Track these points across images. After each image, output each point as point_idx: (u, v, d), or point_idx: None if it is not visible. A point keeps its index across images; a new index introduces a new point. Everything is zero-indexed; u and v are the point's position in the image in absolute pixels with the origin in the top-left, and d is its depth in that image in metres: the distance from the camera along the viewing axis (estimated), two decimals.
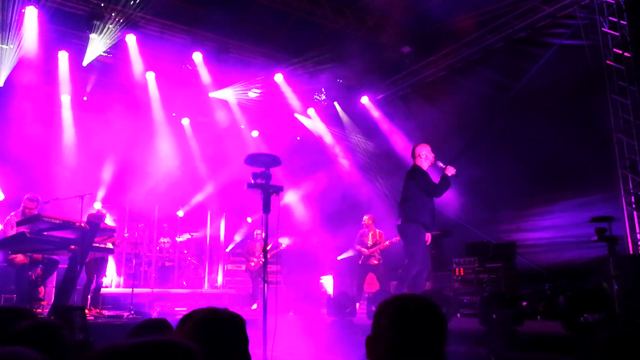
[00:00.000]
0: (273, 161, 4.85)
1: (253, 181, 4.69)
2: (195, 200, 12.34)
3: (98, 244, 6.42)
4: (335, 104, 12.32)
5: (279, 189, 4.77)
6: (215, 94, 11.48)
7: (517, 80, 8.85)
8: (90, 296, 7.46)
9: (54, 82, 10.12)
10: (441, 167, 5.81)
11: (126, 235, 9.18)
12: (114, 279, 10.24)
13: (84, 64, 9.78)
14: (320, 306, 8.51)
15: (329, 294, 10.67)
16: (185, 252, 11.72)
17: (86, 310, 6.74)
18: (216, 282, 12.16)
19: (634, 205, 6.97)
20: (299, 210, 12.29)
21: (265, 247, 4.79)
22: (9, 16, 8.53)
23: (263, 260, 4.81)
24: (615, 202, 7.09)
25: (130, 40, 9.72)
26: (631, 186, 7.07)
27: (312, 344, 5.34)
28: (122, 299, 8.99)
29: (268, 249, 4.90)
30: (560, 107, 7.96)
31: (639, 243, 6.76)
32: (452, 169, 5.75)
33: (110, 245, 7.02)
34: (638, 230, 6.82)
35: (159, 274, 10.89)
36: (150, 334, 2.01)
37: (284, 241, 10.48)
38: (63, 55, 9.90)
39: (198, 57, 10.46)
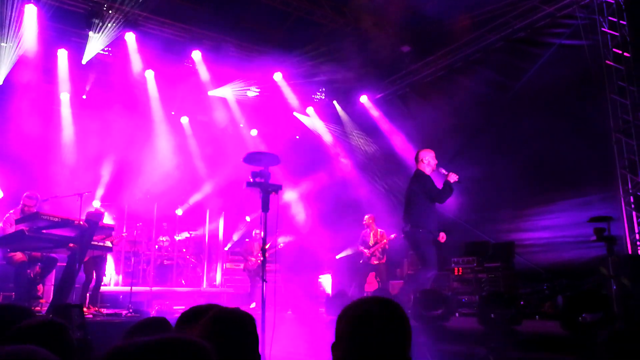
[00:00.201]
0: (272, 160, 4.85)
1: (252, 180, 4.69)
2: (194, 198, 12.33)
3: (97, 242, 6.42)
4: (334, 102, 12.32)
5: (278, 187, 4.77)
6: (214, 93, 11.47)
7: (517, 80, 8.85)
8: (89, 294, 7.46)
9: (53, 80, 10.11)
10: (444, 174, 5.81)
11: (124, 234, 9.17)
12: (112, 277, 10.24)
13: (83, 62, 9.76)
14: (318, 305, 8.52)
15: (328, 292, 10.68)
16: (184, 251, 11.72)
17: (85, 309, 6.74)
18: (215, 281, 12.15)
19: (633, 205, 6.97)
20: (298, 209, 12.28)
21: (264, 246, 4.78)
22: (9, 14, 8.52)
23: (262, 259, 4.80)
24: (614, 202, 7.09)
25: (130, 38, 9.70)
26: (630, 186, 7.07)
27: (311, 343, 5.34)
28: (121, 297, 8.99)
29: (267, 247, 4.90)
30: (559, 107, 7.96)
31: (638, 243, 6.76)
32: (455, 176, 5.73)
33: (109, 243, 7.02)
34: (637, 230, 6.82)
35: (157, 273, 10.88)
36: (149, 333, 2.01)
37: (284, 240, 10.48)
38: (62, 54, 9.89)
39: (197, 56, 10.44)
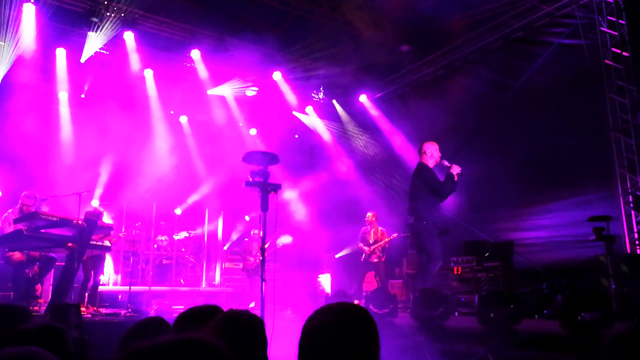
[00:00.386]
0: (271, 159, 4.84)
1: (251, 179, 4.69)
2: (193, 198, 12.32)
3: (95, 242, 6.41)
4: (333, 102, 12.32)
5: (277, 187, 4.77)
6: (213, 92, 11.46)
7: (516, 79, 8.85)
8: (87, 294, 7.45)
9: (51, 80, 10.08)
10: (446, 166, 5.82)
11: (122, 234, 9.15)
12: (111, 277, 10.22)
13: (82, 60, 9.75)
14: (318, 304, 8.48)
15: (327, 292, 10.68)
16: (183, 250, 11.70)
17: (83, 308, 6.74)
18: (214, 280, 12.13)
19: (632, 205, 6.98)
20: (297, 208, 12.28)
21: (263, 245, 4.78)
22: (7, 13, 8.50)
23: (260, 259, 4.80)
24: (613, 202, 7.10)
25: (128, 37, 9.69)
26: (629, 185, 7.08)
27: None
28: (120, 296, 8.98)
29: (266, 247, 4.89)
30: (558, 106, 7.96)
31: (637, 242, 6.77)
32: (458, 168, 5.76)
33: (107, 243, 7.01)
34: (635, 230, 6.83)
35: (156, 272, 10.87)
36: (148, 334, 2.01)
37: (285, 239, 10.47)
38: (61, 53, 9.87)
39: (196, 55, 10.44)
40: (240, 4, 9.54)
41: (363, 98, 11.68)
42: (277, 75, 11.27)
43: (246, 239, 10.81)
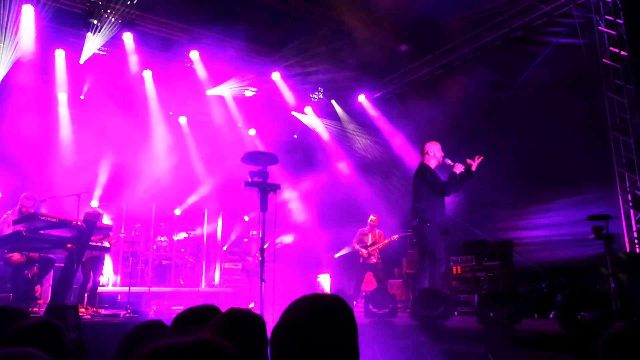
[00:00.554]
0: (270, 160, 4.85)
1: (250, 180, 4.69)
2: (192, 198, 12.32)
3: (94, 243, 6.40)
4: (332, 102, 12.32)
5: (277, 187, 4.77)
6: (212, 92, 11.46)
7: (514, 79, 8.86)
8: (86, 295, 7.44)
9: (50, 81, 10.08)
10: (449, 165, 5.83)
11: (122, 235, 9.14)
12: (110, 278, 10.21)
13: (81, 61, 9.75)
14: None
15: (327, 292, 10.67)
16: (182, 251, 11.70)
17: (83, 309, 6.73)
18: (213, 281, 12.13)
19: (631, 204, 6.98)
20: (297, 208, 12.28)
21: (262, 246, 4.78)
22: (6, 14, 8.49)
23: (260, 259, 4.80)
24: (612, 201, 7.10)
25: (127, 38, 9.68)
26: (628, 184, 7.08)
27: None
28: (119, 297, 8.97)
29: (265, 247, 4.89)
30: (557, 105, 7.96)
31: (636, 241, 6.77)
32: (461, 167, 5.77)
33: (106, 244, 7.00)
34: (635, 228, 6.83)
35: (155, 273, 10.86)
36: (148, 337, 2.01)
37: (286, 239, 10.47)
38: (60, 54, 9.86)
39: (195, 55, 10.43)
40: (239, 4, 9.53)
41: (362, 98, 11.68)
42: (276, 76, 11.27)
43: (245, 239, 10.81)
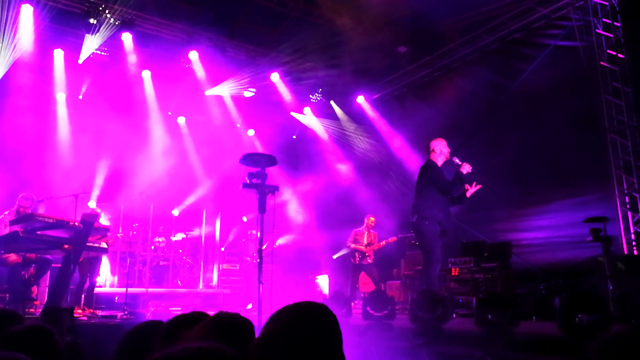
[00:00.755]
0: (269, 161, 4.84)
1: (249, 181, 4.69)
2: (191, 199, 12.30)
3: (92, 244, 6.38)
4: (331, 103, 12.32)
5: (275, 188, 4.77)
6: (210, 93, 11.45)
7: (512, 81, 8.87)
8: (83, 296, 7.42)
9: (49, 81, 10.07)
10: (457, 164, 5.69)
11: (120, 235, 9.13)
12: (108, 279, 10.19)
13: (80, 61, 9.73)
14: None
15: (325, 293, 10.67)
16: (180, 252, 11.67)
17: (80, 310, 6.72)
18: (211, 282, 12.11)
19: (628, 206, 7.00)
20: (295, 209, 12.27)
21: (260, 247, 4.77)
22: (5, 14, 8.47)
23: (257, 260, 4.78)
24: (610, 202, 7.11)
25: (126, 38, 9.67)
26: (625, 187, 7.10)
27: None
28: (116, 298, 8.95)
29: (263, 248, 4.89)
30: (554, 108, 7.98)
31: (633, 243, 6.79)
32: (468, 167, 5.60)
33: (104, 244, 6.98)
34: (632, 230, 6.85)
35: (153, 274, 10.85)
36: (146, 339, 1.99)
37: (283, 239, 10.46)
38: (58, 54, 9.85)
39: (194, 56, 10.43)
40: (238, 5, 9.54)
41: (361, 99, 11.69)
42: (275, 76, 11.27)
43: (243, 240, 10.80)
